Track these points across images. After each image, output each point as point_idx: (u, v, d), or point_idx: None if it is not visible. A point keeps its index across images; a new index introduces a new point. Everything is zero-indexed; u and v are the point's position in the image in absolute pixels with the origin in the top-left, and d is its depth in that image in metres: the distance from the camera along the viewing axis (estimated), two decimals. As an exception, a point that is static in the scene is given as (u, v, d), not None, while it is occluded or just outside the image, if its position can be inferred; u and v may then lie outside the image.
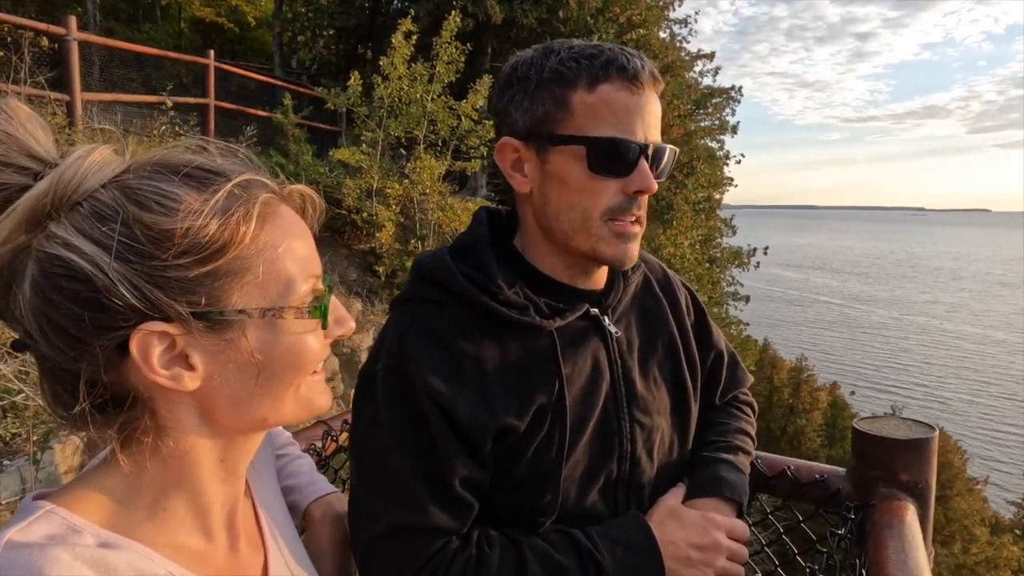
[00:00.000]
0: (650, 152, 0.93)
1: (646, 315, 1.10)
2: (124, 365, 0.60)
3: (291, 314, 0.64)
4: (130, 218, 0.57)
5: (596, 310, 1.01)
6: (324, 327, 0.67)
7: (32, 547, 0.54)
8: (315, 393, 0.70)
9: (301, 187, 0.70)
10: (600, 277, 1.05)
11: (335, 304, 0.70)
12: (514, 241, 1.04)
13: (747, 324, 21.32)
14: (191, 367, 0.61)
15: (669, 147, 0.96)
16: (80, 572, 0.54)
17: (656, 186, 0.94)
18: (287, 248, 0.64)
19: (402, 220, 8.71)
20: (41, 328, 0.58)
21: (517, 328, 0.94)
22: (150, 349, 0.59)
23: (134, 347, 0.58)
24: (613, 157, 0.91)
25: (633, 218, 0.95)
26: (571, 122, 0.91)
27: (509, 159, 0.98)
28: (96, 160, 0.60)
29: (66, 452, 2.74)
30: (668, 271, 1.21)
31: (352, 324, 0.71)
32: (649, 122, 0.93)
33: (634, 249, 0.97)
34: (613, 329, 1.02)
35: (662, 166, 0.96)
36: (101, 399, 0.61)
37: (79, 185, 0.58)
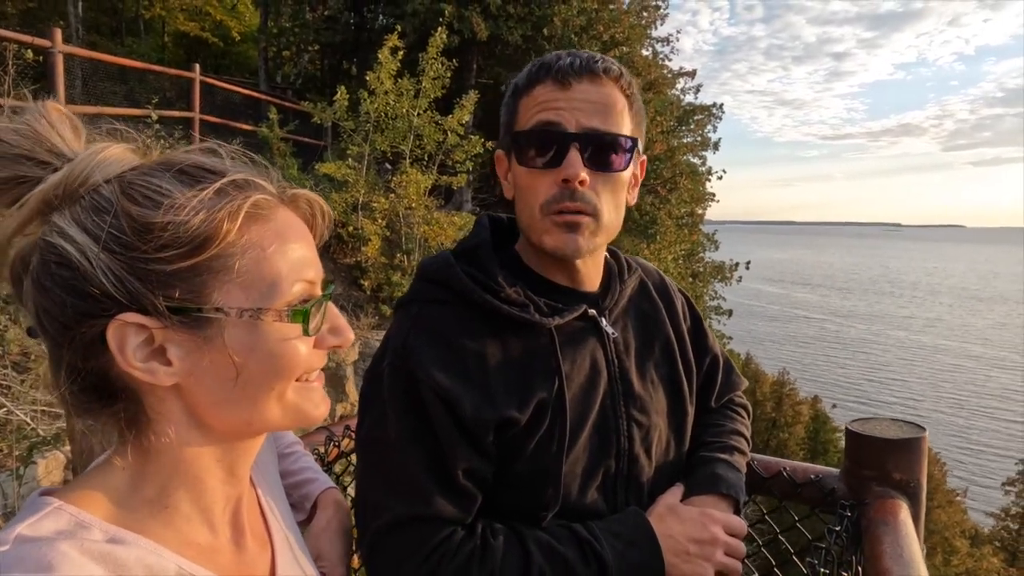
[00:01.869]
0: (581, 140, 0.92)
1: (642, 318, 1.12)
2: (107, 355, 0.60)
3: (271, 316, 0.62)
4: (120, 211, 0.58)
5: (594, 311, 1.03)
6: (306, 333, 0.64)
7: (42, 541, 0.54)
8: (307, 402, 0.67)
9: (308, 193, 0.69)
10: (587, 277, 1.05)
11: (333, 313, 0.68)
12: (516, 246, 1.08)
13: (730, 338, 21.47)
14: (168, 362, 0.60)
15: (614, 134, 0.93)
16: (89, 567, 0.54)
17: (581, 174, 0.91)
18: (277, 250, 0.63)
19: (388, 234, 8.69)
20: (37, 314, 0.59)
21: (518, 326, 0.96)
22: (126, 340, 0.59)
23: (110, 336, 0.58)
24: (530, 147, 0.95)
25: (573, 208, 0.93)
26: (514, 126, 0.99)
27: (502, 168, 1.06)
28: (108, 156, 0.61)
29: (49, 467, 2.68)
30: (665, 277, 1.23)
31: (350, 335, 0.69)
32: (584, 110, 0.92)
33: (579, 240, 0.94)
34: (610, 330, 1.04)
35: (613, 154, 0.93)
36: (83, 386, 0.61)
37: (86, 179, 0.59)
